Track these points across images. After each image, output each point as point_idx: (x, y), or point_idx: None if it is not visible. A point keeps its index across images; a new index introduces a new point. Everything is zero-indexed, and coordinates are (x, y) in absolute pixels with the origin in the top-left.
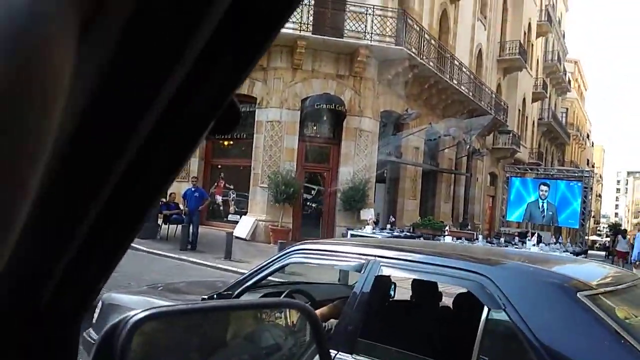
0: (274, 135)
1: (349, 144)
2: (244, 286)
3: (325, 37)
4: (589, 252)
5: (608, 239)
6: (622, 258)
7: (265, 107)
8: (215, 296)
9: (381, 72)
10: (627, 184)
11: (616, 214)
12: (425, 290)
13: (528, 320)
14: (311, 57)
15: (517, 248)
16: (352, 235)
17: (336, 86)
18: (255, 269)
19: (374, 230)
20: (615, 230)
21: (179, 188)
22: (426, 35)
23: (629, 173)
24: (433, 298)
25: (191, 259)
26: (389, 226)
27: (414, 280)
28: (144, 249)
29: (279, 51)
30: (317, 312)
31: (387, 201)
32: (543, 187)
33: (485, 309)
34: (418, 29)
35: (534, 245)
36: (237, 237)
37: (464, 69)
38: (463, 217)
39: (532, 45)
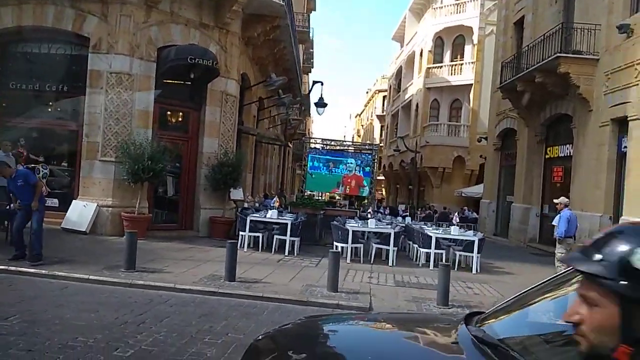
0: (122, 92)
1: (214, 109)
2: None
3: None
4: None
5: None
6: None
7: (105, 53)
8: None
9: (246, 27)
10: None
11: None
12: None
13: None
14: None
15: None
16: (253, 221)
17: (199, 37)
18: None
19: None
20: None
21: None
22: None
23: None
24: None
25: (62, 274)
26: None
27: None
28: None
29: None
30: None
31: None
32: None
33: None
34: None
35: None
36: (68, 230)
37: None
38: (281, 188)
39: None
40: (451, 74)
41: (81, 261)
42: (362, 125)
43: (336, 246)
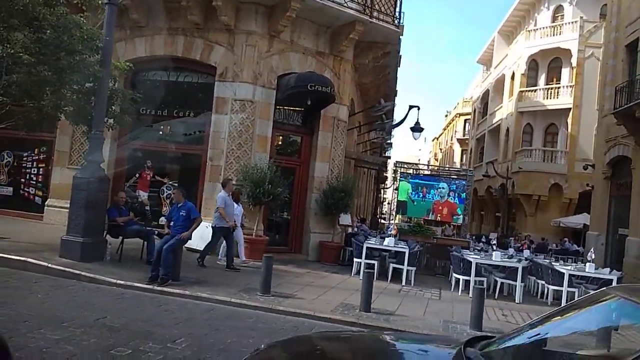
0: (245, 118)
1: (325, 135)
2: None
3: (324, 3)
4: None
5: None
6: None
7: (231, 81)
8: None
9: (358, 54)
10: None
11: None
12: None
13: None
14: (290, 26)
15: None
16: (369, 249)
17: (315, 64)
18: None
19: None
20: None
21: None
22: None
23: None
24: None
25: (205, 295)
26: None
27: None
28: (89, 275)
29: (253, 10)
30: None
31: None
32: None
33: None
34: None
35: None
36: (191, 250)
37: None
38: (374, 213)
39: None
40: (546, 97)
41: (216, 282)
42: (441, 149)
43: (457, 279)
